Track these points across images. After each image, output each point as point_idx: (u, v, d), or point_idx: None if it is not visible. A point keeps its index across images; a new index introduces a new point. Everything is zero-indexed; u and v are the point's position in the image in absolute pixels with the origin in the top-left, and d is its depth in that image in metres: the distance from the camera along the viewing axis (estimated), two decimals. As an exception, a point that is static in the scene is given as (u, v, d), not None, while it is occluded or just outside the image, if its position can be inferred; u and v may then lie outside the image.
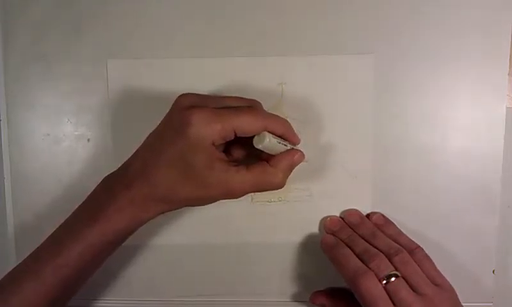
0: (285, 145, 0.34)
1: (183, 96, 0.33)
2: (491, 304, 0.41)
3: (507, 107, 0.39)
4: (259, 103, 0.35)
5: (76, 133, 0.42)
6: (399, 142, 0.40)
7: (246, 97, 0.35)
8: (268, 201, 0.41)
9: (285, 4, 0.40)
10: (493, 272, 0.41)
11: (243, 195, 0.33)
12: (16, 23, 0.41)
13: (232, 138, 0.32)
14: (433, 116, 0.40)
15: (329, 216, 0.41)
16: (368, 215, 0.41)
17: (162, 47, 0.40)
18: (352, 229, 0.39)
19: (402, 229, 0.40)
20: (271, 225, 0.42)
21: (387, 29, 0.39)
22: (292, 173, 0.41)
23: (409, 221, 0.40)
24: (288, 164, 0.34)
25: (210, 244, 0.42)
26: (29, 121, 0.42)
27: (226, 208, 0.41)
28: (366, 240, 0.37)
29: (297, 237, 0.42)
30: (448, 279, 0.35)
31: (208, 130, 0.31)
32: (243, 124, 0.32)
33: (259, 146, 0.33)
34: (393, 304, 0.32)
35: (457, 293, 0.35)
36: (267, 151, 0.34)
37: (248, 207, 0.42)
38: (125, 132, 0.41)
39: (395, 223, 0.40)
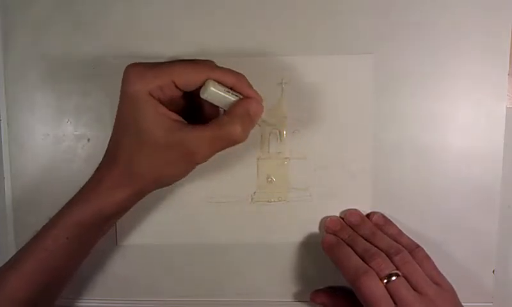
0: (237, 96, 0.33)
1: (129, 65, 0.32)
2: (491, 304, 0.41)
3: (507, 107, 0.39)
4: (212, 61, 0.34)
5: (76, 133, 0.42)
6: (398, 142, 0.40)
7: None
8: (268, 201, 0.41)
9: (285, 4, 0.40)
10: (493, 272, 0.41)
11: (205, 157, 0.32)
12: (16, 23, 0.41)
13: (177, 93, 0.31)
14: (433, 116, 0.40)
15: (329, 216, 0.41)
16: (368, 215, 0.41)
17: (162, 46, 0.40)
18: (352, 229, 0.39)
19: (402, 229, 0.40)
20: (271, 225, 0.42)
21: (387, 29, 0.39)
22: (292, 173, 0.41)
23: (409, 221, 0.40)
24: (244, 112, 0.32)
25: (210, 244, 0.42)
26: (29, 121, 0.42)
27: (226, 208, 0.41)
28: (366, 240, 0.37)
29: (297, 237, 0.42)
30: (448, 279, 0.35)
31: (142, 80, 0.30)
32: (181, 73, 0.31)
33: (204, 95, 0.31)
34: (394, 303, 0.32)
35: (457, 293, 0.35)
36: (217, 104, 0.32)
37: (248, 207, 0.42)
38: (125, 132, 0.41)
39: (395, 223, 0.40)
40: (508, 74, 0.39)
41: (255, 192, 0.41)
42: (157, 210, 0.42)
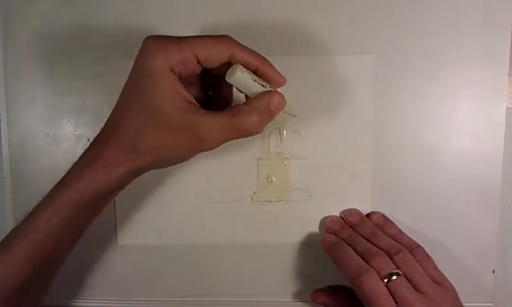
0: (263, 86, 0.31)
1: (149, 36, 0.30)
2: (491, 304, 0.41)
3: (507, 107, 0.39)
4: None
5: (76, 133, 0.42)
6: (398, 142, 0.40)
7: None
8: (268, 201, 0.41)
9: (285, 4, 0.40)
10: (493, 272, 0.41)
11: (217, 143, 0.30)
12: (16, 23, 0.41)
13: (197, 70, 0.30)
14: (433, 116, 0.40)
15: (329, 216, 0.41)
16: (368, 215, 0.41)
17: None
18: (352, 229, 0.39)
19: (402, 229, 0.40)
20: (271, 225, 0.42)
21: (387, 29, 0.39)
22: (292, 173, 0.41)
23: (409, 221, 0.40)
24: (264, 104, 0.30)
25: (210, 244, 0.42)
26: (29, 121, 0.42)
27: (226, 208, 0.41)
28: (367, 240, 0.37)
29: (297, 237, 0.42)
30: (448, 278, 0.35)
31: (165, 53, 0.28)
32: (204, 47, 0.29)
33: (230, 79, 0.30)
34: (395, 302, 0.32)
35: (457, 293, 0.35)
36: (242, 90, 0.31)
37: (248, 207, 0.42)
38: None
39: (395, 223, 0.40)
40: (508, 74, 0.39)
41: (255, 192, 0.41)
42: (157, 210, 0.42)
